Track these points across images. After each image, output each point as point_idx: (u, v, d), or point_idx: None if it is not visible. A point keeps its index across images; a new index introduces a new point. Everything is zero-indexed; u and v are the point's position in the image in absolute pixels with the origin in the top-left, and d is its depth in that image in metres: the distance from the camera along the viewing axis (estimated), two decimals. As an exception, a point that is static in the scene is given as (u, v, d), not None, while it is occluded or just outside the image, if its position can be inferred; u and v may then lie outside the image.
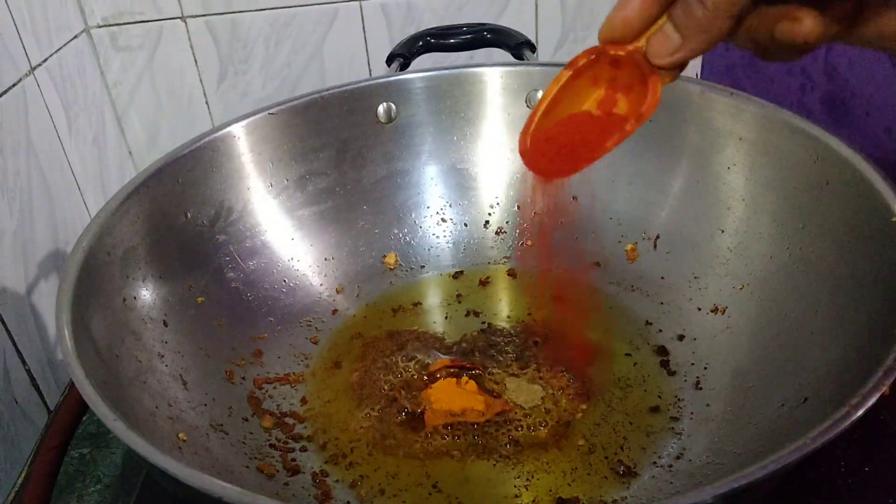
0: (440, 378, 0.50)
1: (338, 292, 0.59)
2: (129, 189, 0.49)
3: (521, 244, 0.62)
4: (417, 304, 0.59)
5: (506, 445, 0.46)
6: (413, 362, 0.52)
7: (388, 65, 0.69)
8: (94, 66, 0.80)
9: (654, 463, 0.44)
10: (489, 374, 0.51)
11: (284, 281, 0.57)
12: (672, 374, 0.50)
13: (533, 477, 0.44)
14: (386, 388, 0.51)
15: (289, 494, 0.43)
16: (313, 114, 0.59)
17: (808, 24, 0.29)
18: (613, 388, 0.50)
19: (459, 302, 0.59)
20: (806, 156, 0.48)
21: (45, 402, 0.59)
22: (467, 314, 0.57)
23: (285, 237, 0.58)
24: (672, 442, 0.45)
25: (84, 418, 0.56)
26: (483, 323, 0.56)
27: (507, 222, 0.63)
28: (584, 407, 0.48)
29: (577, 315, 0.55)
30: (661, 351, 0.52)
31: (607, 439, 0.46)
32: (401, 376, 0.51)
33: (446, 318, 0.57)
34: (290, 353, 0.54)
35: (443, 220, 0.63)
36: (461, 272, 0.61)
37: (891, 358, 0.33)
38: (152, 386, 0.43)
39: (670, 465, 0.44)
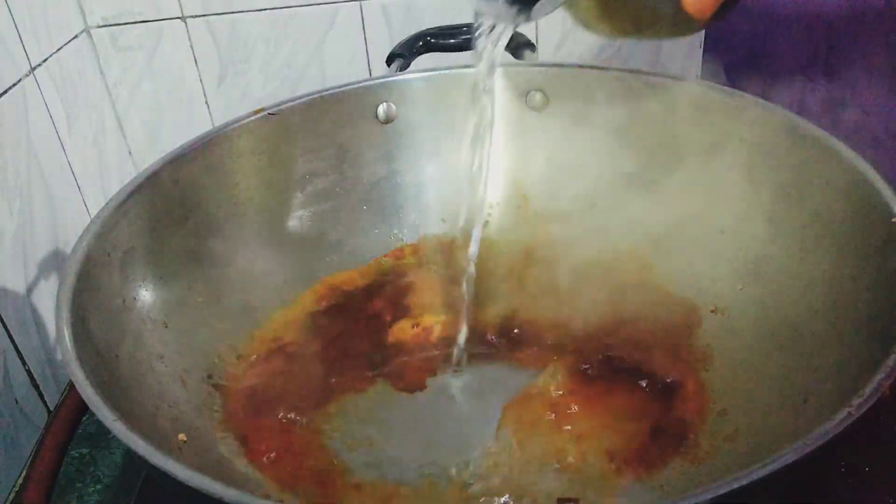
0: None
1: (338, 292, 0.59)
2: (129, 189, 0.49)
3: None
4: (417, 303, 0.58)
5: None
6: (412, 361, 0.52)
7: (388, 65, 0.69)
8: (94, 66, 0.80)
9: (654, 463, 0.44)
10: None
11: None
12: (672, 374, 0.50)
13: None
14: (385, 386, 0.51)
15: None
16: (313, 114, 0.59)
17: None
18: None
19: (458, 301, 0.58)
20: (806, 156, 0.48)
21: (45, 402, 0.59)
22: (467, 314, 0.57)
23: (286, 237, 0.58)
24: (672, 442, 0.45)
25: (84, 418, 0.56)
26: (482, 322, 0.56)
27: (507, 222, 0.63)
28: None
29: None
30: (662, 351, 0.52)
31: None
32: (400, 375, 0.51)
33: (446, 317, 0.57)
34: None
35: (443, 220, 0.63)
36: (460, 272, 0.61)
37: (891, 358, 0.33)
38: (152, 386, 0.43)
39: (670, 465, 0.44)
